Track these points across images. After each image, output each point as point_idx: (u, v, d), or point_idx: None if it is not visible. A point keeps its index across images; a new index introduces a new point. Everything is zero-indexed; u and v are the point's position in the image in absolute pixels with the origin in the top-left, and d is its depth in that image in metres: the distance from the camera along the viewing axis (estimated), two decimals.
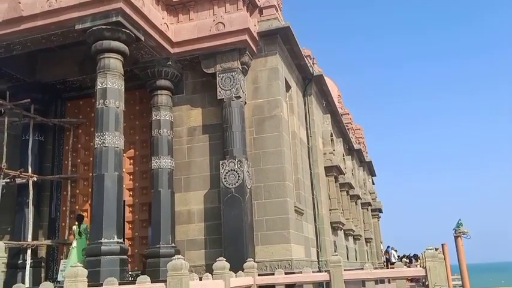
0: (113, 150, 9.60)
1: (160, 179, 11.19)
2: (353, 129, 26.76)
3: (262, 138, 11.45)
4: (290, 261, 10.49)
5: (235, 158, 10.75)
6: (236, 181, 10.65)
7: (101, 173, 9.44)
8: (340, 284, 8.08)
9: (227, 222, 10.46)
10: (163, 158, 11.31)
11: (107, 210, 9.21)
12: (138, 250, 11.62)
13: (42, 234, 11.96)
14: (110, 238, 9.02)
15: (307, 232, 12.75)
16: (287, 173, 11.37)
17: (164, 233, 10.82)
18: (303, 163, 13.62)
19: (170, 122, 11.67)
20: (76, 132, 12.93)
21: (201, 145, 11.73)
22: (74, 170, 12.63)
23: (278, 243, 10.69)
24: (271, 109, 11.54)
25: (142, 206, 12.11)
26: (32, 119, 11.92)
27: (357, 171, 24.61)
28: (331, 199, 15.82)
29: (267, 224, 10.88)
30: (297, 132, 13.31)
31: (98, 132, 9.69)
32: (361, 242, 22.11)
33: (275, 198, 10.99)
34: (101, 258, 8.70)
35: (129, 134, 12.23)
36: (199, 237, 11.19)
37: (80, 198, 12.46)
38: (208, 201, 11.32)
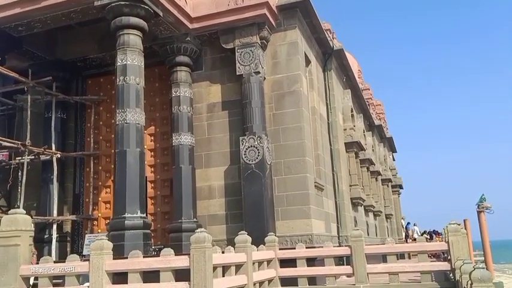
0: (134, 127, 9.68)
1: (181, 155, 11.28)
2: (373, 105, 26.39)
3: (281, 114, 11.38)
4: (310, 236, 10.54)
5: (255, 134, 10.74)
6: (256, 157, 10.65)
7: (123, 149, 9.55)
8: (362, 258, 8.09)
9: (248, 197, 10.52)
10: (183, 135, 11.37)
11: (130, 185, 9.34)
12: (161, 225, 11.81)
13: (67, 209, 12.24)
14: (133, 213, 9.18)
15: (327, 208, 12.76)
16: (307, 149, 11.32)
17: (186, 208, 10.96)
18: (323, 139, 13.53)
19: (190, 98, 11.68)
20: (97, 109, 13.05)
21: (221, 121, 11.73)
22: (96, 147, 12.81)
23: (298, 218, 10.73)
24: (291, 84, 11.44)
25: (164, 182, 12.25)
26: (54, 96, 12.06)
27: (378, 148, 24.38)
28: (351, 175, 15.74)
29: (287, 199, 10.91)
30: (316, 108, 13.19)
31: (119, 109, 9.77)
32: (381, 218, 22.05)
33: (295, 174, 10.98)
34: (124, 232, 8.88)
35: (150, 111, 12.30)
36: (220, 212, 11.30)
37: (102, 175, 12.66)
38: (228, 177, 11.38)
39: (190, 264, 5.77)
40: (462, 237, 7.89)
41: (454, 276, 7.69)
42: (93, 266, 6.04)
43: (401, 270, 8.24)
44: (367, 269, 8.08)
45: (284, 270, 8.43)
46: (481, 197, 12.52)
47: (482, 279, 5.56)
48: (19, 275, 6.32)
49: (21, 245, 6.41)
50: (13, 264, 6.34)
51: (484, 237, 12.62)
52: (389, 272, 8.12)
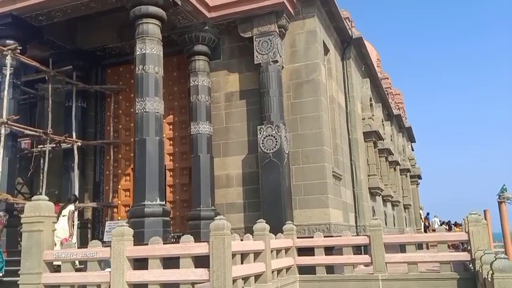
0: (154, 116, 9.77)
1: (200, 144, 11.35)
2: (392, 94, 26.10)
3: (299, 103, 11.34)
4: (328, 225, 10.53)
5: (273, 123, 10.72)
6: (274, 146, 10.65)
7: (143, 137, 9.65)
8: (380, 248, 8.06)
9: (265, 186, 10.54)
10: (201, 124, 11.42)
11: (149, 173, 9.46)
12: (179, 213, 11.94)
13: (87, 197, 12.45)
14: (152, 200, 9.30)
15: (345, 197, 12.72)
16: (325, 138, 11.27)
17: (204, 197, 11.06)
18: (341, 128, 13.46)
19: (208, 87, 11.71)
20: (117, 98, 13.19)
21: (239, 110, 11.75)
22: (115, 135, 12.97)
23: (316, 208, 10.73)
24: (309, 73, 11.37)
25: (183, 171, 12.36)
26: (74, 85, 12.22)
27: (396, 137, 24.14)
28: (369, 165, 15.64)
29: (305, 188, 10.91)
30: (335, 97, 13.10)
31: (138, 97, 9.85)
32: (400, 208, 21.90)
33: (313, 164, 10.96)
34: (144, 219, 9.01)
35: (168, 100, 12.36)
36: (238, 200, 11.37)
37: (122, 163, 12.83)
38: (246, 166, 11.42)
39: (209, 251, 5.82)
40: (483, 228, 7.79)
41: (473, 266, 7.62)
42: (115, 251, 6.14)
43: (420, 260, 8.19)
44: (386, 258, 8.05)
45: (302, 258, 8.45)
46: (502, 187, 12.35)
47: (504, 269, 5.48)
48: (42, 259, 6.45)
49: (44, 230, 6.54)
50: (37, 250, 6.47)
51: (505, 228, 12.46)
52: (408, 262, 8.07)
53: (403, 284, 7.88)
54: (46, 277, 6.46)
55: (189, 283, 5.92)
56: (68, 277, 6.43)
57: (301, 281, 8.26)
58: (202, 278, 5.84)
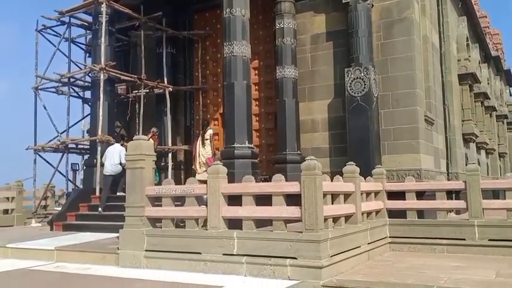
0: (241, 59, 9.81)
1: (285, 88, 11.29)
2: (490, 34, 23.94)
3: (390, 43, 10.77)
4: (419, 171, 10.19)
5: (361, 65, 10.33)
6: (362, 89, 10.31)
7: (231, 81, 9.78)
8: (477, 193, 7.67)
9: (352, 131, 10.34)
10: (287, 68, 11.30)
11: (238, 117, 9.64)
12: (266, 156, 12.17)
13: (179, 140, 13.08)
14: (241, 143, 9.53)
15: (437, 143, 12.16)
16: (417, 81, 10.69)
17: (290, 141, 11.12)
18: (435, 70, 12.67)
19: (293, 30, 11.47)
20: (204, 44, 13.40)
21: (325, 53, 11.44)
22: (203, 81, 13.31)
23: (406, 153, 10.38)
24: (401, 11, 10.69)
25: (268, 115, 12.47)
26: (164, 32, 12.57)
27: (493, 81, 22.37)
28: (464, 109, 14.73)
29: (395, 133, 10.55)
30: (428, 36, 12.27)
31: (226, 41, 9.91)
32: (494, 157, 20.60)
33: (404, 107, 10.50)
34: (234, 161, 9.29)
35: (254, 44, 12.23)
36: (323, 145, 11.30)
37: (210, 108, 13.21)
38: (332, 110, 11.23)
39: (301, 190, 5.89)
40: None
41: None
42: (211, 188, 6.43)
43: None
44: (483, 204, 7.67)
45: (392, 202, 8.30)
46: None
47: None
48: (145, 194, 6.95)
49: (145, 168, 7.00)
50: (139, 185, 6.97)
51: None
52: (507, 209, 7.63)
53: (500, 230, 7.50)
54: (148, 210, 6.97)
55: (281, 220, 6.08)
56: (168, 211, 6.89)
57: (391, 224, 8.16)
58: (294, 215, 5.96)
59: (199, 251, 6.38)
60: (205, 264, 6.28)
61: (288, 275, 5.72)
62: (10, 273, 6.72)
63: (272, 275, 5.82)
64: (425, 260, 7.07)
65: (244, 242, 6.14)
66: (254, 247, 6.05)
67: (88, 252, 7.36)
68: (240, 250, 6.14)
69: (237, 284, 5.60)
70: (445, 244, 7.73)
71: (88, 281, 5.95)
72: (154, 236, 6.80)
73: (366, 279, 5.62)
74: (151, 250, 6.74)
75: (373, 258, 7.17)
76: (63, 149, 12.50)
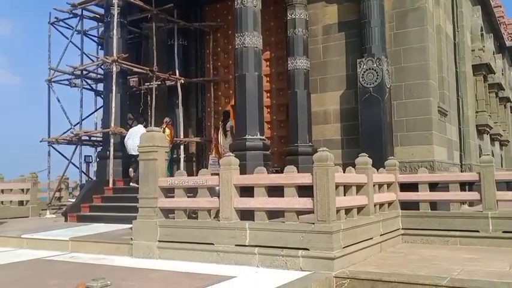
0: (253, 50, 9.79)
1: (297, 79, 11.23)
2: (505, 24, 23.53)
3: (403, 33, 10.65)
4: (432, 163, 10.10)
5: (374, 55, 10.24)
6: (374, 80, 10.22)
7: (242, 73, 9.77)
8: (491, 185, 7.59)
9: (365, 122, 10.27)
10: (299, 59, 11.24)
11: (250, 108, 9.65)
12: (277, 148, 12.16)
13: (191, 132, 13.13)
14: (253, 135, 9.54)
15: (450, 134, 12.04)
16: (431, 71, 10.58)
17: (301, 133, 11.08)
18: (448, 60, 12.52)
19: (305, 20, 11.39)
20: (215, 36, 13.39)
21: (337, 44, 11.36)
22: (215, 73, 13.31)
23: (419, 144, 10.30)
24: (415, 1, 10.56)
25: (279, 107, 12.45)
26: (175, 23, 12.57)
27: (508, 72, 22.04)
28: (478, 100, 14.56)
29: (408, 124, 10.47)
30: (442, 26, 12.11)
31: (237, 32, 9.88)
32: (508, 148, 20.35)
33: (417, 98, 10.41)
34: (246, 152, 9.31)
35: (265, 35, 12.15)
36: (335, 137, 11.26)
37: (222, 100, 13.22)
38: (344, 101, 11.17)
39: (313, 181, 5.89)
40: None
41: None
42: (223, 179, 6.45)
43: None
44: (497, 196, 7.59)
45: (405, 194, 8.25)
46: None
47: None
48: (158, 186, 7.00)
49: (158, 159, 7.03)
50: (152, 177, 7.01)
51: None
52: None
53: None
54: (161, 201, 7.02)
55: (293, 211, 6.08)
56: (181, 202, 6.93)
57: (404, 216, 8.12)
58: (306, 206, 5.96)
59: (212, 241, 6.43)
60: (218, 255, 6.32)
61: (300, 266, 5.74)
62: (26, 263, 6.83)
63: (284, 266, 5.84)
64: (438, 251, 7.03)
65: (256, 233, 6.16)
66: (266, 238, 6.07)
67: (102, 242, 7.44)
68: (253, 241, 6.16)
69: (250, 274, 5.62)
70: (458, 236, 7.68)
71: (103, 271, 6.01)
72: (167, 227, 6.86)
73: (378, 271, 5.61)
74: (164, 241, 6.80)
75: (386, 249, 7.16)
76: (76, 141, 12.62)
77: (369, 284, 5.32)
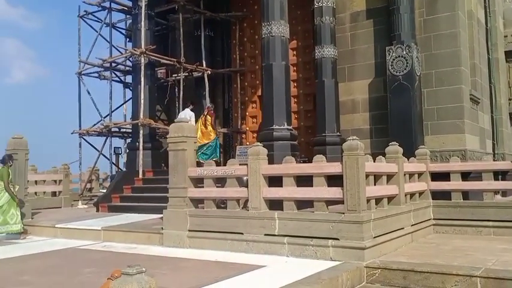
0: (280, 40, 9.71)
1: (324, 68, 11.10)
2: None
3: (433, 19, 10.38)
4: (464, 152, 9.87)
5: (403, 42, 10.03)
6: (404, 68, 10.03)
7: (269, 62, 9.70)
8: None
9: (394, 111, 10.10)
10: (326, 47, 11.09)
11: (277, 98, 9.59)
12: (304, 139, 12.09)
13: (218, 123, 13.12)
14: (280, 125, 9.49)
15: (482, 123, 11.73)
16: (462, 58, 10.29)
17: (329, 122, 10.96)
18: (480, 47, 12.15)
19: (332, 8, 11.22)
20: (241, 26, 13.35)
21: (365, 31, 11.17)
22: (241, 63, 13.30)
23: (450, 133, 10.08)
24: None
25: (306, 97, 12.36)
26: (202, 14, 12.59)
27: None
28: (511, 88, 14.10)
29: (438, 113, 10.24)
30: (474, 12, 11.74)
31: (264, 21, 9.81)
32: None
33: (448, 86, 10.16)
34: (273, 143, 9.27)
35: (291, 25, 12.00)
36: (364, 126, 11.12)
37: (248, 90, 13.21)
38: (373, 90, 11.00)
39: (342, 171, 5.84)
40: None
41: None
42: (251, 169, 6.47)
43: None
44: None
45: (436, 183, 8.10)
46: None
47: None
48: (187, 176, 7.07)
49: (187, 149, 7.10)
50: (182, 167, 7.08)
51: None
52: None
53: None
54: (191, 191, 7.09)
55: (323, 201, 6.05)
56: (210, 192, 6.99)
57: (435, 206, 7.98)
58: (336, 196, 5.92)
59: (241, 231, 6.46)
60: (247, 244, 6.36)
61: (330, 256, 5.72)
62: (61, 251, 7.03)
63: (314, 256, 5.83)
64: (471, 242, 6.90)
65: (285, 222, 6.16)
66: (296, 228, 6.07)
67: (133, 232, 7.59)
68: (282, 231, 6.17)
69: (280, 264, 5.63)
70: (492, 226, 7.52)
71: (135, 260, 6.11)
72: (197, 217, 6.93)
73: (410, 261, 5.54)
74: (194, 230, 6.88)
75: (417, 240, 7.06)
76: (106, 133, 12.86)
77: (401, 274, 5.26)
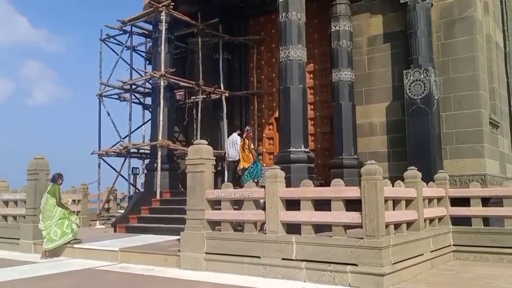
0: (297, 63, 9.83)
1: (341, 91, 11.18)
2: None
3: (451, 43, 10.40)
4: (483, 177, 9.74)
5: (421, 66, 10.05)
6: (422, 91, 10.03)
7: (287, 86, 9.81)
8: None
9: (412, 134, 10.07)
10: (343, 70, 11.18)
11: (294, 121, 9.66)
12: (321, 161, 12.05)
13: None
14: (297, 147, 9.53)
15: (502, 147, 11.59)
16: (481, 82, 10.26)
17: (346, 145, 10.98)
18: (499, 71, 12.10)
19: (349, 32, 11.34)
20: (259, 49, 13.54)
21: (382, 55, 11.22)
22: (258, 85, 13.44)
23: (470, 157, 9.97)
24: (463, 9, 10.32)
25: (323, 119, 12.39)
26: (220, 38, 12.81)
27: None
28: None
29: (457, 136, 10.16)
30: (492, 35, 11.73)
31: (282, 45, 9.95)
32: None
33: (467, 110, 10.11)
34: (290, 165, 9.29)
35: (308, 48, 12.12)
36: (381, 149, 11.07)
37: (265, 112, 13.30)
38: (390, 113, 10.99)
39: (361, 195, 5.80)
40: None
41: None
42: (269, 192, 6.47)
43: None
44: None
45: (456, 209, 7.97)
46: None
47: None
48: (205, 198, 7.09)
49: (205, 171, 7.14)
50: (199, 189, 7.12)
51: None
52: None
53: None
54: (208, 213, 7.10)
55: (341, 225, 6.00)
56: (227, 214, 6.99)
57: (455, 231, 7.83)
58: (355, 221, 5.87)
59: (258, 254, 6.43)
60: (265, 268, 6.32)
61: (348, 282, 5.65)
62: (79, 272, 7.07)
63: (332, 281, 5.76)
64: (492, 269, 6.75)
65: (303, 247, 6.12)
66: (313, 252, 6.02)
67: (151, 253, 7.60)
68: (299, 255, 6.12)
69: None
70: None
71: (152, 282, 6.15)
72: (214, 239, 6.92)
73: None
74: (211, 253, 6.86)
75: (437, 266, 6.93)
76: (125, 154, 13.01)
77: None
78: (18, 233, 9.56)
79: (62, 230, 8.61)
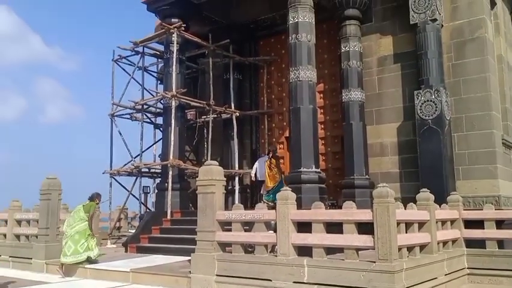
0: (307, 84, 9.89)
1: (352, 111, 11.16)
2: None
3: (462, 64, 10.39)
4: (497, 198, 9.62)
5: (432, 87, 10.03)
6: (433, 112, 9.99)
7: (297, 106, 9.85)
8: None
9: (424, 155, 9.99)
10: (353, 91, 11.19)
11: (304, 141, 9.67)
12: (332, 181, 12.02)
13: (245, 164, 13.26)
14: (308, 168, 9.52)
15: None
16: (493, 102, 10.20)
17: (358, 165, 10.90)
18: (511, 91, 12.02)
19: (359, 53, 11.38)
20: (269, 69, 13.67)
21: (393, 75, 11.23)
22: (269, 105, 13.52)
23: (483, 179, 9.86)
24: (473, 30, 10.32)
25: (334, 139, 12.38)
26: (231, 58, 12.96)
27: None
28: None
29: (470, 157, 10.07)
30: (503, 56, 11.72)
31: (291, 66, 10.03)
32: None
33: (479, 130, 10.05)
34: (301, 185, 9.27)
35: (318, 68, 12.21)
36: (393, 170, 11.00)
37: (275, 132, 13.35)
38: (401, 134, 10.95)
39: (373, 218, 5.76)
40: None
41: None
42: (280, 214, 6.44)
43: None
44: None
45: (470, 231, 7.87)
46: None
47: None
48: (215, 219, 7.08)
49: (216, 192, 7.14)
50: (210, 210, 7.11)
51: None
52: None
53: None
54: (219, 235, 7.08)
55: (353, 248, 5.95)
56: (238, 236, 6.95)
57: (469, 254, 7.72)
58: (367, 244, 5.82)
59: (269, 277, 6.37)
60: None
61: None
62: None
63: None
64: None
65: (315, 270, 6.06)
66: (325, 276, 5.96)
67: (161, 275, 7.57)
68: (311, 278, 6.06)
69: None
70: None
71: None
72: (224, 261, 6.88)
73: None
74: (222, 275, 6.82)
75: None
76: (136, 173, 13.07)
77: None
78: (30, 253, 9.57)
79: (76, 248, 8.57)
